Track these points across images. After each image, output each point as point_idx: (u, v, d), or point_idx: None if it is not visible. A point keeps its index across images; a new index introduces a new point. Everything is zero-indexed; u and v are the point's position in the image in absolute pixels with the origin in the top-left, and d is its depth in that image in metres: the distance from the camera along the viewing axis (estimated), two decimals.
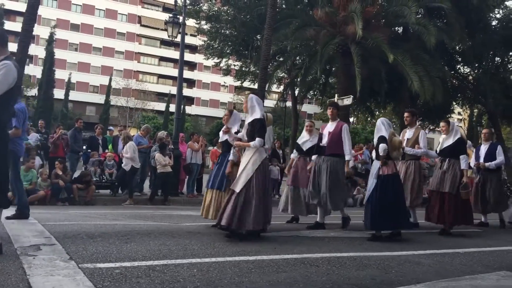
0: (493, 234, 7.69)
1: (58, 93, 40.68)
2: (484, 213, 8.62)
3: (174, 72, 48.14)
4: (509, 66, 26.71)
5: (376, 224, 6.09)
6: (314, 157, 7.31)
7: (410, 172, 7.46)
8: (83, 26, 53.71)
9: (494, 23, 24.02)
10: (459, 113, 42.11)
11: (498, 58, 25.71)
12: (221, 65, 26.90)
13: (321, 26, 18.36)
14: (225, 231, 5.58)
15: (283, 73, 24.71)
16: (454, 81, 25.48)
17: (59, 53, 43.21)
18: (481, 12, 21.23)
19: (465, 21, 20.27)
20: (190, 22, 24.47)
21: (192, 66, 57.57)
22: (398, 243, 5.98)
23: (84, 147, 12.84)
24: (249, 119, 5.81)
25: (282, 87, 27.90)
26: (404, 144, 7.41)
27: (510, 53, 25.49)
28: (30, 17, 12.53)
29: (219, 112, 52.67)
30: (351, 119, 29.80)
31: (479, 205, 8.40)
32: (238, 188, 5.50)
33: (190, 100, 56.35)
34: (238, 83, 30.07)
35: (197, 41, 38.30)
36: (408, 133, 7.71)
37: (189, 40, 39.94)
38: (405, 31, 21.30)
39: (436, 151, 7.49)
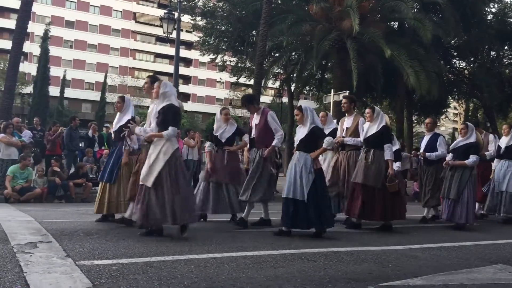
0: (489, 227, 7.72)
1: (54, 91, 40.47)
2: (422, 205, 8.18)
3: (170, 69, 47.88)
4: (505, 60, 26.79)
5: (323, 221, 5.65)
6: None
7: (352, 163, 6.93)
8: (78, 23, 53.43)
9: (489, 17, 24.04)
10: (455, 108, 42.25)
11: (494, 53, 25.78)
12: (217, 61, 26.86)
13: (317, 21, 18.34)
14: (139, 229, 5.31)
15: (279, 69, 24.70)
16: (450, 76, 25.54)
17: (54, 50, 42.94)
18: (476, 7, 21.27)
19: (461, 15, 20.30)
20: (186, 18, 24.42)
21: (187, 62, 57.43)
22: (394, 237, 6.00)
23: (81, 144, 12.81)
24: (160, 106, 5.25)
25: (278, 83, 27.90)
26: (343, 133, 7.12)
27: (506, 47, 25.55)
28: (24, 14, 12.48)
29: (216, 109, 52.27)
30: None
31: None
32: (149, 182, 5.09)
33: (186, 97, 56.17)
34: (234, 79, 30.04)
35: (193, 37, 38.23)
36: (347, 122, 7.20)
37: (184, 36, 39.82)
38: (400, 26, 21.33)
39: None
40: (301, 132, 5.75)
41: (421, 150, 8.03)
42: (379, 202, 6.42)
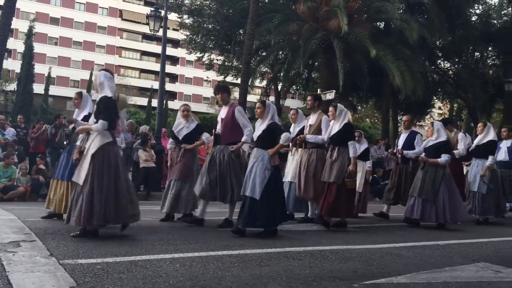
0: (472, 226, 7.82)
1: (38, 88, 39.85)
2: (401, 204, 7.98)
3: (156, 67, 47.63)
4: (488, 61, 27.17)
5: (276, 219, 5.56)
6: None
7: (312, 161, 6.76)
8: (63, 20, 52.82)
9: (474, 18, 24.36)
10: (439, 108, 42.66)
11: (478, 53, 26.13)
12: (204, 59, 26.77)
13: (304, 20, 18.39)
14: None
15: (266, 68, 24.72)
16: (435, 76, 25.80)
17: (38, 47, 42.32)
18: (461, 8, 21.51)
19: (446, 16, 20.52)
20: (172, 16, 24.28)
21: (174, 60, 57.14)
22: (379, 236, 6.04)
23: (65, 142, 12.66)
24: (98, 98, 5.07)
25: (265, 82, 27.90)
26: (306, 130, 7.03)
27: (489, 48, 25.92)
28: (8, 10, 12.31)
29: (202, 107, 52.37)
30: None
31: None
32: (81, 180, 4.84)
33: (172, 95, 55.89)
34: (221, 78, 29.97)
35: (180, 35, 38.03)
36: (311, 119, 7.08)
37: (171, 34, 39.66)
38: (386, 26, 21.48)
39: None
40: (259, 129, 5.67)
41: (399, 148, 7.93)
42: (341, 198, 6.37)
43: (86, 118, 5.93)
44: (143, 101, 49.99)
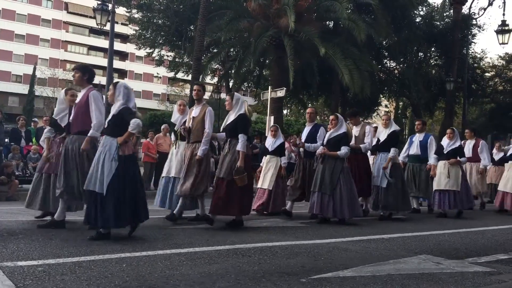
0: (416, 220, 8.12)
1: None
2: (306, 200, 7.69)
3: (104, 62, 46.20)
4: (431, 61, 28.30)
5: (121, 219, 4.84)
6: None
7: (195, 155, 6.14)
8: (4, 12, 50.32)
9: (418, 20, 25.27)
10: (386, 106, 44.04)
11: (421, 53, 27.15)
12: (154, 55, 26.31)
13: (255, 18, 18.44)
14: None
15: (217, 65, 24.60)
16: (381, 75, 26.57)
17: None
18: (406, 9, 22.26)
19: (391, 17, 21.17)
20: (121, 10, 23.69)
21: (123, 56, 55.79)
22: (327, 231, 6.16)
23: (6, 140, 12.11)
24: None
25: (216, 79, 27.76)
26: (189, 123, 6.41)
27: (432, 49, 26.99)
28: None
29: (153, 104, 51.51)
30: (285, 111, 30.26)
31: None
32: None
33: None
34: (171, 74, 29.54)
35: (129, 30, 37.16)
36: (195, 111, 6.52)
37: (119, 29, 38.70)
38: (335, 25, 21.88)
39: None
40: (111, 114, 5.05)
41: (301, 141, 7.62)
42: (233, 196, 5.89)
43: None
44: None
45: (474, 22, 25.46)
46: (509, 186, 9.70)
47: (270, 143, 8.23)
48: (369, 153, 8.61)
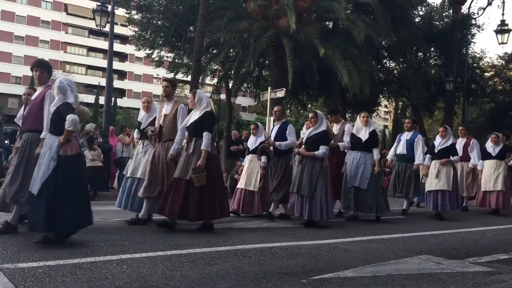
0: (415, 220, 8.12)
1: None
2: (281, 203, 7.54)
3: (104, 63, 46.30)
4: (431, 61, 28.29)
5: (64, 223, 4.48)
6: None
7: (162, 156, 6.04)
8: (3, 14, 50.33)
9: (417, 20, 25.26)
10: (385, 106, 44.06)
11: (421, 54, 27.12)
12: (153, 56, 26.29)
13: (254, 19, 18.43)
14: None
15: (217, 66, 24.59)
16: (381, 75, 26.56)
17: None
18: (405, 9, 22.24)
19: (391, 17, 21.16)
20: (120, 11, 23.69)
21: (123, 57, 55.81)
22: (328, 232, 6.16)
23: (6, 142, 12.13)
24: None
25: (216, 80, 27.75)
26: (161, 121, 6.21)
27: (432, 49, 26.98)
28: None
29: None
30: None
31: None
32: None
33: (121, 92, 54.63)
34: (171, 75, 29.53)
35: (128, 31, 37.12)
36: (166, 108, 6.28)
37: (119, 30, 38.63)
38: (335, 26, 21.86)
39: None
40: (50, 110, 4.80)
41: (270, 140, 7.41)
42: (194, 199, 5.54)
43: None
44: (90, 99, 48.60)
45: (473, 22, 25.45)
46: (491, 185, 9.54)
47: (251, 142, 7.87)
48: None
